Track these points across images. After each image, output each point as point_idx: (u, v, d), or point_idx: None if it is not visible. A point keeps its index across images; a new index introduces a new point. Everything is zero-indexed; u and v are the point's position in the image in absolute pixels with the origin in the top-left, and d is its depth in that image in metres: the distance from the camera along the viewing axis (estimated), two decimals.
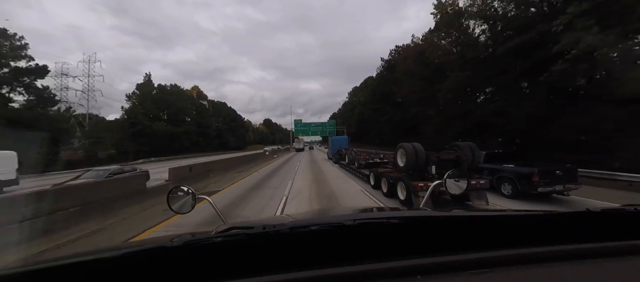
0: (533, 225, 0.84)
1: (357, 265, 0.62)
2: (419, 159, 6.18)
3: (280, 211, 6.33)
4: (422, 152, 6.28)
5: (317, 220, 0.99)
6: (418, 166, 6.20)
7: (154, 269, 0.67)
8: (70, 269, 0.67)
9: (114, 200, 5.94)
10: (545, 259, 0.65)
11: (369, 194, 8.05)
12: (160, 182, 8.89)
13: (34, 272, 0.67)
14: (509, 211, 1.07)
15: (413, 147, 6.35)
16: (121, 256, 0.69)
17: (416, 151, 6.27)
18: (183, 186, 1.40)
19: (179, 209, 1.38)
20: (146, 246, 0.72)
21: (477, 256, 0.65)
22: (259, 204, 7.16)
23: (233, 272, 0.64)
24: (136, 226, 5.37)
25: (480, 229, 0.82)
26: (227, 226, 0.89)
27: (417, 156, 6.21)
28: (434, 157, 6.12)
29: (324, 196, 8.03)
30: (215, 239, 0.72)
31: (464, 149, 6.76)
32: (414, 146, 6.42)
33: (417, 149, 6.32)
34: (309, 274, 0.61)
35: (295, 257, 0.69)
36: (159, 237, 0.97)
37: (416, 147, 6.34)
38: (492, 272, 0.61)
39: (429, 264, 0.63)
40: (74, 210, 4.93)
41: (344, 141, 23.10)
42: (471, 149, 6.73)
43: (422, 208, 1.49)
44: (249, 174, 13.87)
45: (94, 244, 4.48)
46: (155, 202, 6.75)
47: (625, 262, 0.65)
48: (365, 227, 0.78)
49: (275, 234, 0.73)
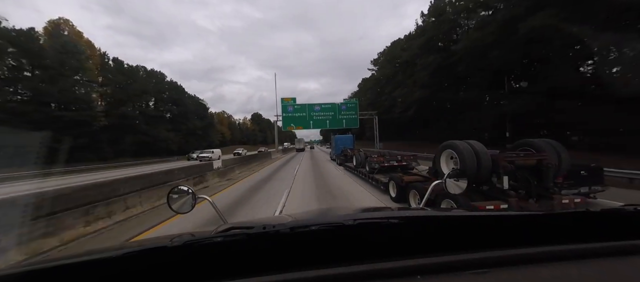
0: (533, 225, 0.85)
1: (357, 265, 0.64)
2: (482, 166, 4.20)
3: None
4: (485, 155, 4.27)
5: (317, 220, 0.99)
6: (480, 175, 4.24)
7: (154, 269, 0.69)
8: (70, 269, 0.67)
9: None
10: (546, 259, 0.66)
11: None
12: None
13: (34, 272, 0.68)
14: (509, 211, 1.12)
15: (471, 148, 4.30)
16: (121, 256, 0.70)
17: (477, 153, 4.24)
18: (183, 185, 1.42)
19: (179, 209, 1.39)
20: (146, 246, 0.73)
21: (477, 256, 0.66)
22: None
23: (233, 272, 0.66)
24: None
25: (480, 229, 0.83)
26: (227, 226, 0.90)
27: (478, 161, 4.20)
28: (507, 164, 4.17)
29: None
30: (216, 239, 0.74)
31: (546, 149, 4.63)
32: (472, 144, 4.40)
33: (478, 150, 4.28)
34: (309, 274, 0.62)
35: (295, 257, 0.70)
36: (159, 237, 0.97)
37: (476, 148, 4.30)
38: (492, 272, 0.62)
39: (429, 264, 0.64)
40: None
41: (348, 140, 21.60)
42: (555, 150, 4.68)
43: (422, 208, 1.46)
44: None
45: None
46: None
47: (625, 262, 0.66)
48: (365, 227, 0.80)
49: (275, 234, 0.74)
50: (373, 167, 9.31)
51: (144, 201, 6.82)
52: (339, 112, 29.65)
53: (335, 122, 29.90)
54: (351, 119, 29.78)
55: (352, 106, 30.76)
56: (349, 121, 29.98)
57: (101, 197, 5.58)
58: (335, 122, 29.98)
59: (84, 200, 5.17)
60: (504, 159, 4.31)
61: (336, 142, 21.30)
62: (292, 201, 7.27)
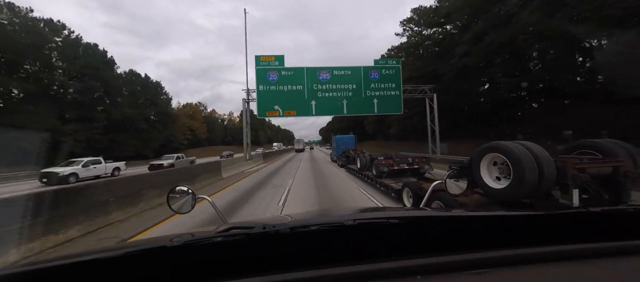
0: (533, 225, 0.86)
1: (357, 265, 0.64)
2: (544, 176, 3.16)
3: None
4: (548, 161, 3.24)
5: (317, 220, 0.99)
6: (541, 188, 3.22)
7: (154, 269, 0.70)
8: (70, 269, 0.68)
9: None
10: (546, 260, 0.67)
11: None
12: None
13: (34, 272, 0.69)
14: (510, 211, 1.06)
15: (529, 152, 3.29)
16: (121, 256, 0.71)
17: (538, 158, 3.22)
18: (183, 185, 1.45)
19: (179, 209, 1.42)
20: (146, 246, 0.74)
21: (477, 256, 0.67)
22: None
23: (233, 272, 0.66)
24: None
25: (480, 229, 0.85)
26: (227, 226, 0.91)
27: (540, 169, 3.17)
28: (578, 173, 3.25)
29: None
30: (216, 239, 0.75)
31: (618, 152, 3.76)
32: (528, 147, 3.39)
33: (538, 154, 3.26)
34: (309, 274, 0.63)
35: (295, 257, 0.71)
36: (159, 237, 0.98)
37: (535, 152, 3.29)
38: (492, 272, 0.63)
39: (429, 264, 0.65)
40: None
41: (350, 140, 20.02)
42: (629, 153, 3.77)
43: (422, 208, 1.46)
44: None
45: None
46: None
47: (625, 262, 0.67)
48: (365, 227, 0.81)
49: (275, 234, 0.74)
50: (381, 170, 8.52)
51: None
52: (366, 84, 15.41)
53: (358, 103, 16.00)
54: (389, 99, 15.77)
55: (391, 73, 16.69)
56: (385, 101, 16.03)
57: None
58: (360, 103, 16.06)
59: None
60: (573, 166, 3.28)
61: (337, 143, 19.92)
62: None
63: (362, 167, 10.48)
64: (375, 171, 8.76)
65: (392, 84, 16.82)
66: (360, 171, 10.67)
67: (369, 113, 18.32)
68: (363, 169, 10.35)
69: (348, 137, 20.97)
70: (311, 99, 16.54)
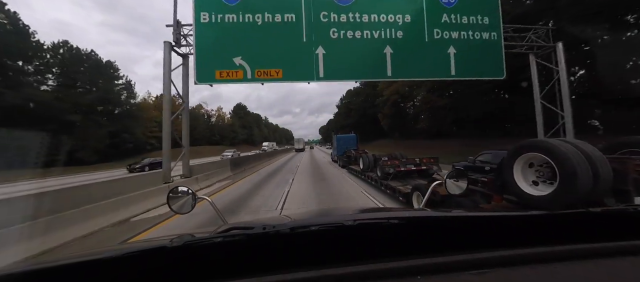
0: (533, 225, 0.87)
1: (357, 265, 0.65)
2: (600, 179, 2.65)
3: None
4: (603, 161, 2.74)
5: (317, 220, 1.00)
6: (596, 193, 2.75)
7: (154, 270, 0.71)
8: (70, 270, 0.68)
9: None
10: (546, 260, 0.68)
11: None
12: None
13: (34, 272, 0.69)
14: (510, 211, 1.09)
15: (578, 152, 2.75)
16: (121, 256, 0.71)
17: (590, 158, 2.68)
18: (183, 186, 1.44)
19: (179, 209, 1.41)
20: (146, 246, 0.74)
21: (477, 256, 0.68)
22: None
23: (233, 272, 0.67)
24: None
25: (480, 229, 0.85)
26: (227, 226, 0.92)
27: (595, 170, 2.64)
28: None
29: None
30: (216, 240, 0.75)
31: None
32: (577, 145, 2.88)
33: (590, 154, 2.73)
34: (309, 274, 0.64)
35: (295, 258, 0.72)
36: (159, 237, 0.98)
37: (587, 151, 2.76)
38: (492, 272, 0.64)
39: (429, 264, 0.66)
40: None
41: (351, 140, 20.51)
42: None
43: (422, 208, 1.46)
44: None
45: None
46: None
47: (625, 262, 0.68)
48: (365, 228, 0.81)
49: (275, 234, 0.75)
50: (387, 171, 8.04)
51: None
52: (432, 16, 6.73)
53: (416, 56, 8.86)
54: (480, 48, 6.74)
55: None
56: (471, 53, 7.10)
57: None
58: (420, 55, 7.17)
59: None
60: (635, 168, 2.86)
61: (338, 142, 20.21)
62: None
63: (365, 167, 10.08)
64: (380, 173, 8.22)
65: (485, 20, 8.43)
66: (363, 172, 10.26)
67: (439, 76, 9.24)
68: (366, 170, 9.91)
69: (349, 136, 21.37)
70: (315, 44, 8.08)
